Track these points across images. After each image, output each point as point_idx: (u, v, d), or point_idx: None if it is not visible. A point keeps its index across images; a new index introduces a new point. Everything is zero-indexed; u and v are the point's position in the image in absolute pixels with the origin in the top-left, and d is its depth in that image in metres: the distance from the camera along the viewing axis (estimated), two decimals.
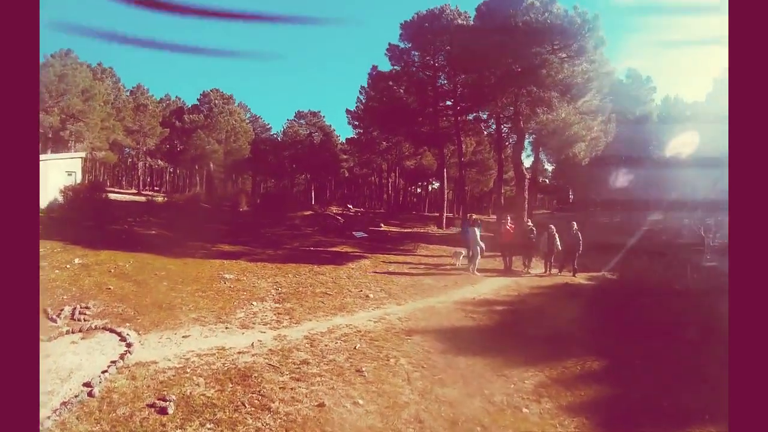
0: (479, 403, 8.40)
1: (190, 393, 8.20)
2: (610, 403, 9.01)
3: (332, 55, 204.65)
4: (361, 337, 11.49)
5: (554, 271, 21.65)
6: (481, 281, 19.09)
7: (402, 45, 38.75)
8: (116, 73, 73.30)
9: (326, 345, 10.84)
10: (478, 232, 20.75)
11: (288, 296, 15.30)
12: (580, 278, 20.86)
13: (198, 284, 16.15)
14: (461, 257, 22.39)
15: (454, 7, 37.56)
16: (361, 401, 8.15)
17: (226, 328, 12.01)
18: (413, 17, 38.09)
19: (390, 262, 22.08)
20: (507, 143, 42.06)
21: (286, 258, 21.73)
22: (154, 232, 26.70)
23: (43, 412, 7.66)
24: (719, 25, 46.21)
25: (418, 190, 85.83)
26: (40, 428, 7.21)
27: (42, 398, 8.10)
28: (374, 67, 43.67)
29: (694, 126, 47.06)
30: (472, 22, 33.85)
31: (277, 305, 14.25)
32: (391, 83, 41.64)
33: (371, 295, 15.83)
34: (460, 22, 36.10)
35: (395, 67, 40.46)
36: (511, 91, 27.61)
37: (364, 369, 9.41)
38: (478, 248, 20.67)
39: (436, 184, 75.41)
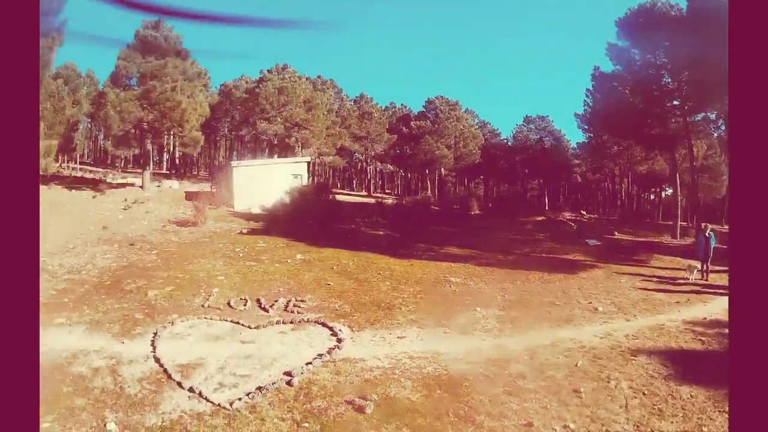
0: None
1: (394, 395, 8.53)
2: None
3: (556, 58, 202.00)
4: (584, 354, 11.28)
5: None
6: (714, 299, 17.87)
7: (620, 44, 37.36)
8: (337, 84, 77.52)
9: (546, 359, 10.77)
10: None
11: (514, 304, 15.30)
12: None
13: (421, 286, 16.65)
14: (695, 271, 21.16)
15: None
16: (572, 425, 8.03)
17: (445, 332, 12.28)
18: (626, 14, 36.50)
19: (622, 273, 21.39)
20: None
21: (515, 264, 21.79)
22: (381, 232, 27.74)
23: (236, 393, 8.49)
24: None
25: (651, 196, 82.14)
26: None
27: (236, 380, 9.06)
28: (596, 68, 42.12)
29: None
30: (685, 14, 32.02)
31: (501, 312, 14.30)
32: (615, 84, 40.11)
33: (600, 308, 15.47)
34: (673, 14, 34.07)
35: (617, 67, 38.98)
36: None
37: (581, 389, 9.23)
38: None
39: (669, 191, 72.42)
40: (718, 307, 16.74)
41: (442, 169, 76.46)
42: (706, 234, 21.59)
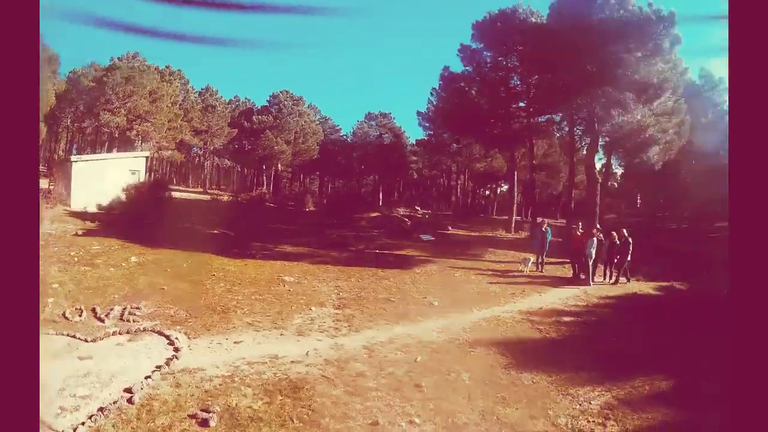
0: (542, 426, 7.98)
1: (236, 404, 7.94)
2: (680, 429, 8.56)
3: (403, 57, 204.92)
4: (423, 348, 11.07)
5: (614, 279, 20.73)
6: (549, 290, 18.47)
7: (474, 45, 37.80)
8: (185, 75, 74.74)
9: (385, 356, 10.46)
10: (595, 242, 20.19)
11: (349, 302, 14.91)
12: (649, 288, 20.16)
13: (256, 286, 15.92)
14: (530, 263, 21.79)
15: (527, 6, 36.13)
16: (417, 420, 7.77)
17: (281, 334, 11.68)
18: (485, 17, 36.96)
19: (457, 268, 21.53)
20: (579, 146, 40.92)
21: (350, 261, 21.43)
22: (216, 231, 26.70)
23: (78, 417, 7.56)
24: None
25: (486, 192, 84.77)
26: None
27: (77, 402, 8.07)
28: (446, 68, 42.48)
29: None
30: (545, 21, 32.85)
31: (336, 311, 13.86)
32: (462, 84, 40.77)
33: (436, 303, 15.34)
34: (533, 21, 34.93)
35: (467, 68, 39.49)
36: (586, 91, 26.58)
37: (423, 384, 9.00)
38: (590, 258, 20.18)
39: (504, 187, 75.38)
40: (554, 297, 17.39)
41: (279, 165, 75.56)
42: (543, 228, 22.37)
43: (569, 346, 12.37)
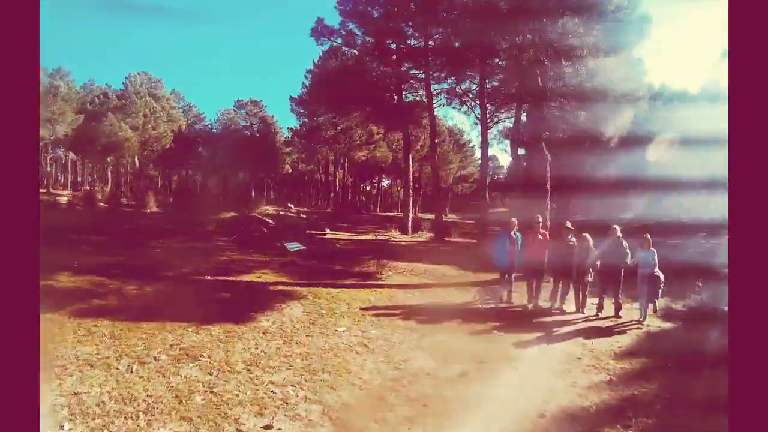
0: None
1: None
2: None
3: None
4: None
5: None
6: (523, 353, 9.54)
7: None
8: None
9: None
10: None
11: None
12: (648, 320, 12.14)
13: None
14: (504, 293, 13.68)
15: None
16: None
17: None
18: None
19: (339, 306, 12.18)
20: (492, 123, 33.35)
21: (152, 305, 11.33)
22: None
23: None
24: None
25: (367, 187, 79.70)
26: None
27: None
28: (320, 21, 33.23)
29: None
30: None
31: None
32: (341, 42, 32.88)
33: None
34: None
35: (349, 24, 31.39)
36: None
37: None
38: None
39: (387, 182, 70.22)
40: (561, 379, 8.27)
41: (136, 159, 67.23)
42: (513, 234, 13.52)
43: None
